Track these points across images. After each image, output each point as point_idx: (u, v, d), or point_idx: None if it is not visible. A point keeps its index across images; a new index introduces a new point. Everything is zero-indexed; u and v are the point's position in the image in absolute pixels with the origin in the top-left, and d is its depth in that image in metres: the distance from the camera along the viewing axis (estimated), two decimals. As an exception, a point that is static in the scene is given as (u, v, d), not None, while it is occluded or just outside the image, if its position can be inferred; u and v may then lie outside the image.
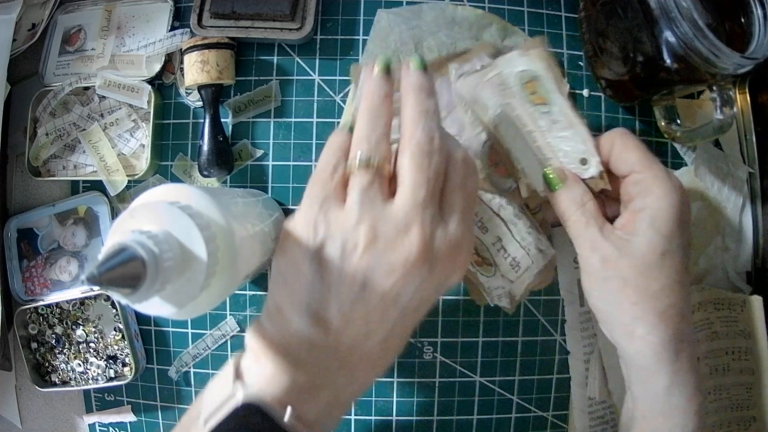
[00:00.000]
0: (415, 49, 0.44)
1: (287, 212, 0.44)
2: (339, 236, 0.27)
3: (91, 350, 0.45)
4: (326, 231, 0.28)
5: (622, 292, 0.34)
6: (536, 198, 0.40)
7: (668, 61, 0.36)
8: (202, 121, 0.43)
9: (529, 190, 0.39)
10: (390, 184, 0.29)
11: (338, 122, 0.44)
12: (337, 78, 0.44)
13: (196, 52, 0.42)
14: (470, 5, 0.45)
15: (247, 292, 0.45)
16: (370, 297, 0.27)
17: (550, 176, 0.37)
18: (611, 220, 0.36)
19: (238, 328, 0.44)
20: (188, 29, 0.44)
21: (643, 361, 0.34)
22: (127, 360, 0.45)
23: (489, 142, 0.40)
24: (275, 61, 0.45)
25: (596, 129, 0.45)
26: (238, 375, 0.29)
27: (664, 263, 0.33)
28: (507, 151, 0.39)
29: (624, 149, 0.35)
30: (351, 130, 0.31)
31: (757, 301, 0.44)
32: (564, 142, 0.38)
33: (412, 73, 0.31)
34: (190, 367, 0.45)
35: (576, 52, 0.45)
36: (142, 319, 0.45)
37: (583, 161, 0.37)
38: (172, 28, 0.45)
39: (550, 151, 0.38)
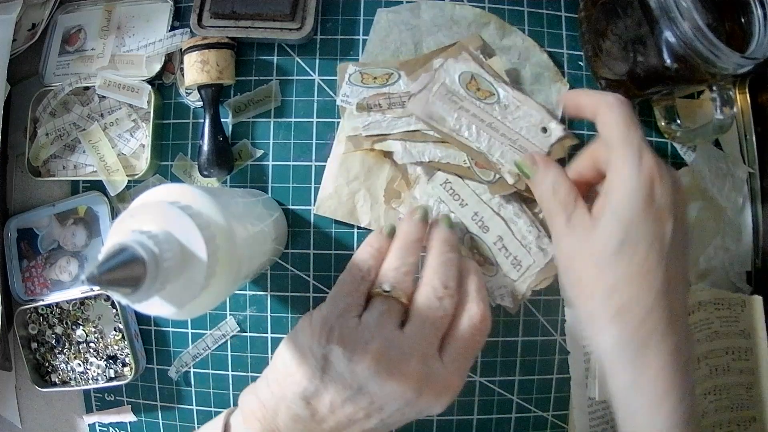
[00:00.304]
0: (415, 50, 0.44)
1: (287, 212, 0.44)
2: (350, 345, 0.31)
3: (91, 350, 0.45)
4: (339, 337, 0.31)
5: (579, 286, 0.33)
6: (523, 180, 0.41)
7: (668, 61, 0.36)
8: (202, 121, 0.43)
9: (513, 176, 0.41)
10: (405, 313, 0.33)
11: (338, 122, 0.44)
12: (337, 78, 0.44)
13: (196, 52, 0.42)
14: (469, 5, 0.45)
15: (247, 292, 0.45)
16: (360, 401, 0.30)
17: (521, 165, 0.38)
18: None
19: (238, 328, 0.44)
20: (188, 29, 0.44)
21: (604, 357, 0.33)
22: (127, 360, 0.45)
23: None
24: (275, 61, 0.45)
25: (595, 129, 0.45)
26: (226, 430, 0.34)
27: (622, 254, 0.31)
28: (477, 149, 0.41)
29: (604, 125, 0.33)
30: (390, 233, 0.36)
31: (757, 301, 0.44)
32: (521, 121, 0.41)
33: (441, 229, 0.37)
34: (190, 367, 0.45)
35: (576, 52, 0.45)
36: (142, 319, 0.45)
37: (544, 129, 0.40)
38: (172, 28, 0.45)
39: (513, 133, 0.40)
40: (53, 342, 0.45)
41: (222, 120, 0.44)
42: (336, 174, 0.43)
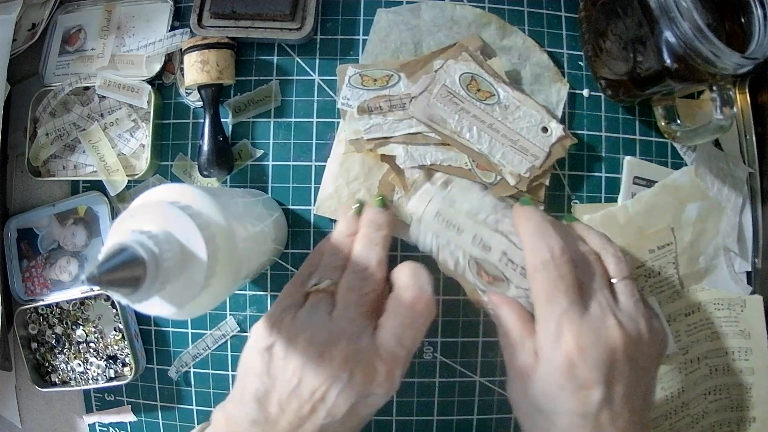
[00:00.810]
0: (415, 50, 0.44)
1: (287, 212, 0.44)
2: (286, 338, 0.33)
3: (91, 350, 0.45)
4: (278, 333, 0.33)
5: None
6: (525, 181, 0.41)
7: (668, 61, 0.36)
8: (202, 121, 0.43)
9: (515, 177, 0.41)
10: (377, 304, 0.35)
11: (338, 122, 0.44)
12: (337, 80, 0.44)
13: (196, 52, 0.42)
14: (469, 5, 0.45)
15: (247, 292, 0.45)
16: (302, 392, 0.31)
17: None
18: None
19: (238, 328, 0.44)
20: (188, 29, 0.44)
21: None
22: (127, 360, 0.45)
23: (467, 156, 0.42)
24: (275, 61, 0.45)
25: (596, 129, 0.45)
26: None
27: (544, 419, 0.32)
28: (479, 150, 0.41)
29: (531, 289, 0.34)
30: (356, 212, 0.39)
31: (757, 301, 0.44)
32: (521, 121, 0.41)
33: (368, 210, 0.39)
34: (190, 367, 0.45)
35: (576, 52, 0.45)
36: (142, 319, 0.45)
37: (545, 129, 0.41)
38: (172, 28, 0.45)
39: (514, 134, 0.41)
40: (53, 342, 0.45)
41: (222, 120, 0.44)
42: (336, 174, 0.43)
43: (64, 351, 0.45)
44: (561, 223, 0.38)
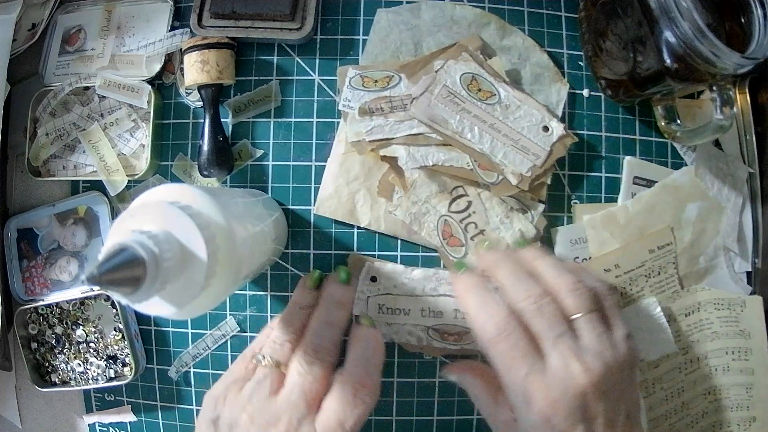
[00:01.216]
0: (415, 50, 0.44)
1: (287, 212, 0.44)
2: (229, 415, 0.34)
3: (91, 350, 0.45)
4: (222, 408, 0.35)
5: None
6: (527, 180, 0.41)
7: (668, 61, 0.36)
8: (202, 121, 0.43)
9: (516, 177, 0.41)
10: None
11: (338, 122, 0.44)
12: (338, 82, 0.44)
13: (196, 52, 0.42)
14: (469, 5, 0.45)
15: (247, 292, 0.45)
16: None
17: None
18: None
19: (238, 328, 0.44)
20: (188, 29, 0.44)
21: None
22: (127, 360, 0.45)
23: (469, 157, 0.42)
24: (275, 61, 0.45)
25: (596, 129, 0.45)
26: None
27: None
28: (480, 150, 0.41)
29: (487, 353, 0.34)
30: (313, 284, 0.41)
31: (757, 301, 0.44)
32: (522, 121, 0.41)
33: (329, 285, 0.40)
34: (190, 367, 0.45)
35: (576, 52, 0.45)
36: (142, 319, 0.45)
37: (546, 128, 0.41)
38: (172, 28, 0.45)
39: (515, 134, 0.41)
40: (53, 342, 0.45)
41: (222, 120, 0.44)
42: (336, 174, 0.43)
43: (64, 351, 0.45)
44: (509, 256, 0.37)
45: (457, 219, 0.42)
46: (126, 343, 0.44)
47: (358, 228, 0.44)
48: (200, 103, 0.45)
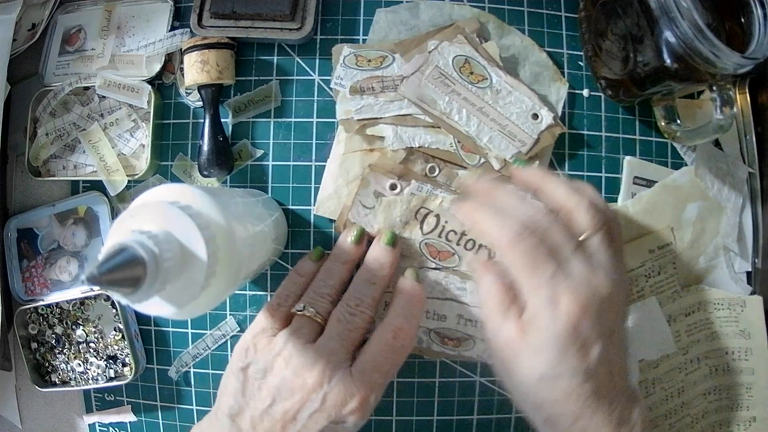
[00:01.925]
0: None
1: (287, 212, 0.44)
2: (262, 361, 0.35)
3: (91, 350, 0.45)
4: (254, 355, 0.35)
5: (511, 388, 0.34)
6: (508, 167, 0.41)
7: (668, 61, 0.36)
8: (202, 121, 0.43)
9: (499, 161, 0.41)
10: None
11: (338, 123, 0.44)
12: (332, 59, 0.44)
13: (196, 52, 0.42)
14: (468, 4, 0.45)
15: (247, 292, 0.45)
16: (275, 412, 0.33)
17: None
18: None
19: (238, 328, 0.44)
20: (188, 29, 0.44)
21: None
22: (127, 360, 0.45)
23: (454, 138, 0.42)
24: (275, 61, 0.45)
25: (596, 129, 0.45)
26: None
27: (543, 384, 0.31)
28: (466, 133, 0.41)
29: (508, 259, 0.32)
30: (318, 257, 0.41)
31: (757, 301, 0.44)
32: (512, 107, 0.42)
33: (374, 246, 0.40)
34: (190, 367, 0.45)
35: (576, 52, 0.45)
36: (142, 319, 0.45)
37: (535, 116, 0.42)
38: (172, 28, 0.45)
39: (503, 119, 0.41)
40: (53, 342, 0.45)
41: (222, 120, 0.44)
42: (336, 174, 0.43)
43: (64, 351, 0.45)
44: (506, 182, 0.37)
45: (435, 236, 0.42)
46: (126, 343, 0.44)
47: (358, 228, 0.44)
48: (200, 103, 0.45)
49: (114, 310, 0.45)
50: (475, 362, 0.44)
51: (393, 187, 0.42)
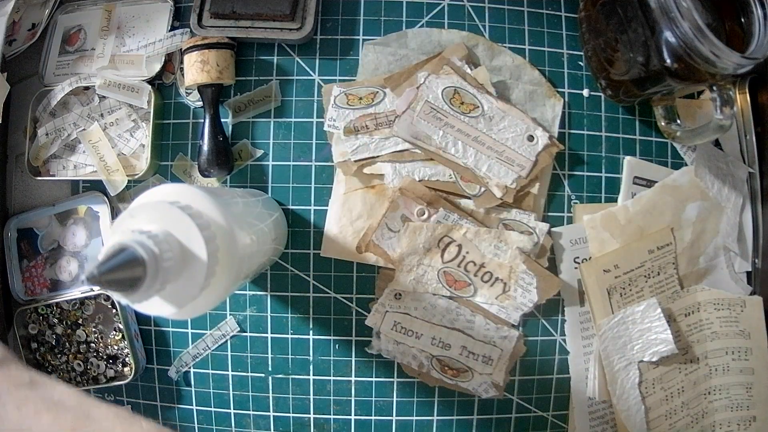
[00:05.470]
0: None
1: (287, 212, 0.44)
2: None
3: (91, 350, 0.45)
4: None
5: None
6: (511, 192, 0.42)
7: (668, 61, 0.36)
8: (202, 121, 0.43)
9: (500, 188, 0.41)
10: None
11: (335, 165, 0.44)
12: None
13: (196, 52, 0.42)
14: (455, 30, 0.45)
15: (247, 292, 0.45)
16: None
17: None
18: None
19: (238, 328, 0.44)
20: (188, 29, 0.44)
21: None
22: (127, 360, 0.45)
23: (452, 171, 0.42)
24: (275, 61, 0.45)
25: (596, 129, 0.45)
26: None
27: None
28: (464, 164, 0.42)
29: None
30: None
31: (757, 301, 0.44)
32: (506, 131, 0.42)
33: None
34: (190, 367, 0.45)
35: (576, 52, 0.45)
36: (142, 319, 0.45)
37: (530, 138, 0.42)
38: (172, 28, 0.45)
39: (499, 145, 0.41)
40: (53, 342, 0.45)
41: (222, 120, 0.44)
42: (339, 215, 0.43)
43: (64, 351, 0.45)
44: None
45: (454, 265, 0.42)
46: (126, 343, 0.44)
47: (358, 228, 0.44)
48: (200, 103, 0.45)
49: (114, 310, 0.45)
50: (471, 395, 0.44)
51: (421, 213, 0.42)
